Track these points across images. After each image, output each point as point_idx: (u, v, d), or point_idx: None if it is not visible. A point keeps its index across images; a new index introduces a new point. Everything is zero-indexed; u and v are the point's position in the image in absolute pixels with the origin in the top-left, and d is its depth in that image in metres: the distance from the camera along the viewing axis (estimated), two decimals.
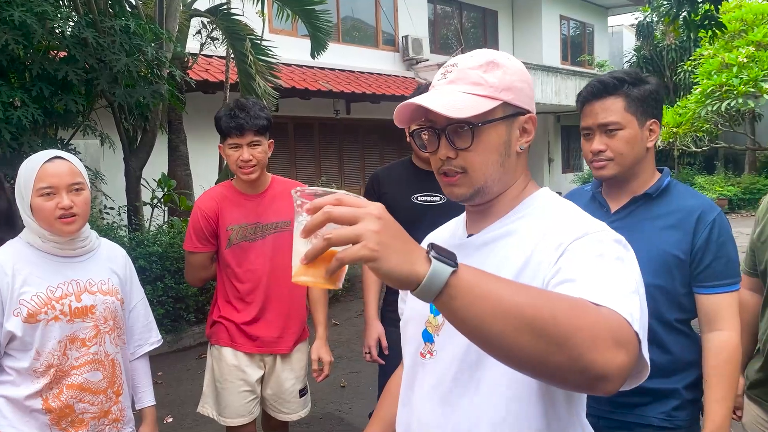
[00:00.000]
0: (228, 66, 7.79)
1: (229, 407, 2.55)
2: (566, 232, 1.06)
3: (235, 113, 2.43)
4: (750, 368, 2.09)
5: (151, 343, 2.17)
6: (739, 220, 13.77)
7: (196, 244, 2.57)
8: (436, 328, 1.19)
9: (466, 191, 1.17)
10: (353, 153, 12.53)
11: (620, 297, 0.91)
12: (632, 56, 19.20)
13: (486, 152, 1.14)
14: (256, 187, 2.58)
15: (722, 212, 1.81)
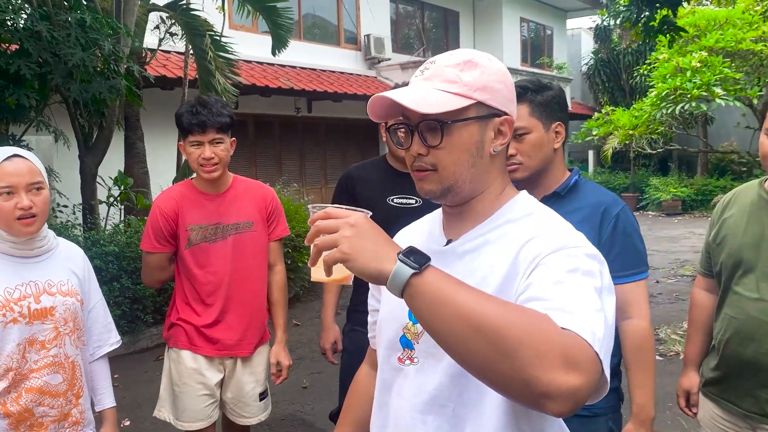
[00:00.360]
0: (186, 62, 7.66)
1: (187, 411, 2.50)
2: (544, 244, 1.06)
3: (197, 110, 2.37)
4: (705, 366, 2.15)
5: (110, 344, 2.12)
6: (692, 220, 14.17)
7: (155, 245, 2.50)
8: (415, 335, 1.19)
9: (436, 188, 1.17)
10: (314, 152, 12.47)
11: (584, 317, 0.92)
12: (590, 59, 19.57)
13: (456, 151, 1.13)
14: (218, 187, 2.53)
15: (627, 207, 1.91)
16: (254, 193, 2.59)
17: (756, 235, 1.94)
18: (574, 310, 0.92)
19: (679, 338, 5.37)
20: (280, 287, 2.66)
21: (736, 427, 2.02)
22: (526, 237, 1.10)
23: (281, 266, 2.68)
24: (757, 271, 1.92)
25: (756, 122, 15.23)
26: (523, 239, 1.10)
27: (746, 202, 2.02)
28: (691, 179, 16.27)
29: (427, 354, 1.16)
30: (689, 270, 8.41)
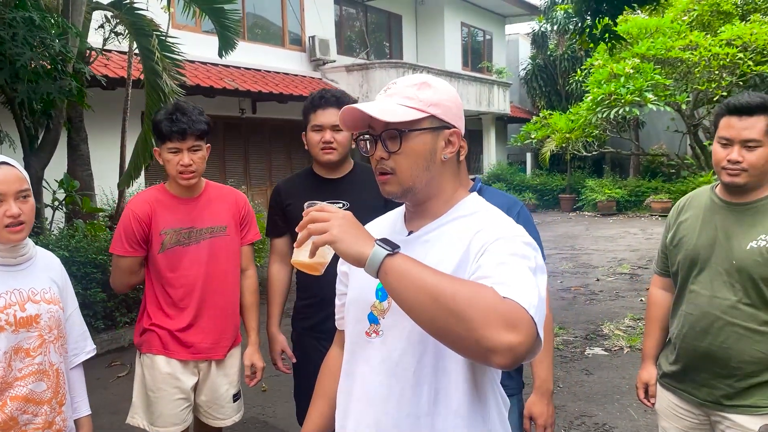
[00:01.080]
0: (130, 62, 7.49)
1: (162, 416, 2.50)
2: (489, 234, 1.26)
3: (176, 117, 2.38)
4: (663, 359, 2.30)
5: (86, 352, 2.11)
6: (626, 220, 14.74)
7: (127, 248, 2.50)
8: (381, 311, 1.37)
9: (396, 190, 1.37)
10: (259, 153, 12.36)
11: (521, 289, 1.11)
12: (528, 64, 20.09)
13: (412, 156, 1.34)
14: (191, 191, 2.55)
15: (524, 206, 2.19)
16: (227, 198, 2.62)
17: (710, 236, 2.10)
18: (513, 284, 1.12)
19: (622, 333, 5.63)
20: (252, 291, 2.69)
21: (692, 415, 2.18)
22: (474, 230, 1.30)
23: (253, 270, 2.71)
24: (711, 269, 2.08)
25: (684, 126, 15.98)
26: (472, 232, 1.30)
27: (700, 206, 2.19)
28: (625, 181, 16.92)
29: (392, 326, 1.34)
30: (627, 268, 8.78)
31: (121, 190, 7.25)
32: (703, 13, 14.92)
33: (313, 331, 2.64)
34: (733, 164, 1.99)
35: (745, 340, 2.00)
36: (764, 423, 1.98)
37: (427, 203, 1.39)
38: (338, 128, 2.56)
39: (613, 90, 13.11)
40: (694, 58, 13.33)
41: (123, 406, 4.49)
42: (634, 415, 3.95)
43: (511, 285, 1.11)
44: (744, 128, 1.96)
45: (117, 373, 4.97)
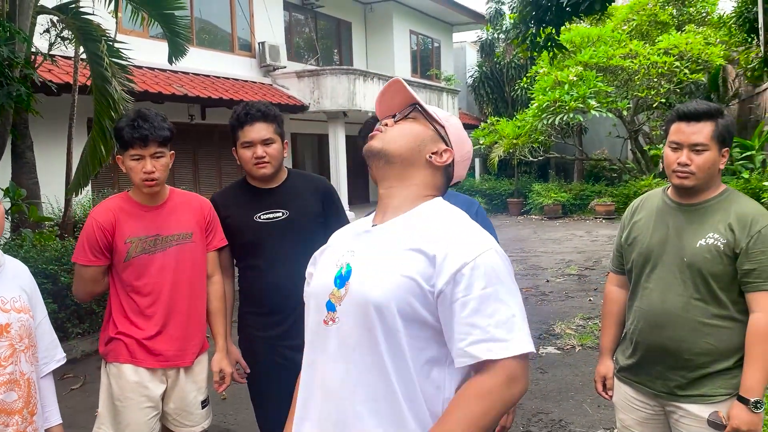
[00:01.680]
0: (77, 67, 7.32)
1: (130, 426, 2.47)
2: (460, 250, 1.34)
3: (138, 123, 2.37)
4: (620, 354, 2.41)
5: (57, 361, 2.08)
6: (572, 223, 15.15)
7: (90, 257, 2.46)
8: (338, 298, 1.41)
9: (376, 145, 1.49)
10: (209, 158, 12.22)
11: (514, 338, 1.29)
12: (475, 72, 20.44)
13: (406, 130, 1.49)
14: (156, 199, 2.54)
15: (480, 205, 2.34)
16: (192, 205, 2.61)
17: (662, 235, 2.22)
18: (506, 337, 1.29)
19: (574, 332, 5.81)
20: (218, 297, 2.69)
21: (647, 406, 2.29)
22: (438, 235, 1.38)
23: (219, 276, 2.70)
24: (664, 266, 2.21)
25: (624, 132, 16.54)
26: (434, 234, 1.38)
27: (653, 207, 2.31)
28: (570, 185, 17.39)
29: (347, 313, 1.38)
30: (574, 269, 9.04)
31: (68, 198, 7.06)
32: (642, 23, 15.52)
33: (264, 338, 2.68)
34: (682, 167, 2.12)
35: (697, 333, 2.13)
36: (714, 410, 2.10)
37: (395, 195, 1.49)
38: (268, 142, 2.59)
39: (558, 97, 13.50)
40: (633, 66, 13.85)
41: (78, 419, 4.40)
42: (589, 410, 4.09)
43: (505, 339, 1.29)
44: (692, 133, 2.09)
45: (70, 386, 4.85)
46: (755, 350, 2.05)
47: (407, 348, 1.34)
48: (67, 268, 5.53)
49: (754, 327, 2.06)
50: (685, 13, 15.76)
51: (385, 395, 1.34)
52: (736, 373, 2.09)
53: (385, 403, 1.34)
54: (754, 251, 2.05)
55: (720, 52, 13.73)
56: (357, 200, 16.24)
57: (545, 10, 6.61)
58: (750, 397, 2.03)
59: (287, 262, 2.61)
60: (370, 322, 1.34)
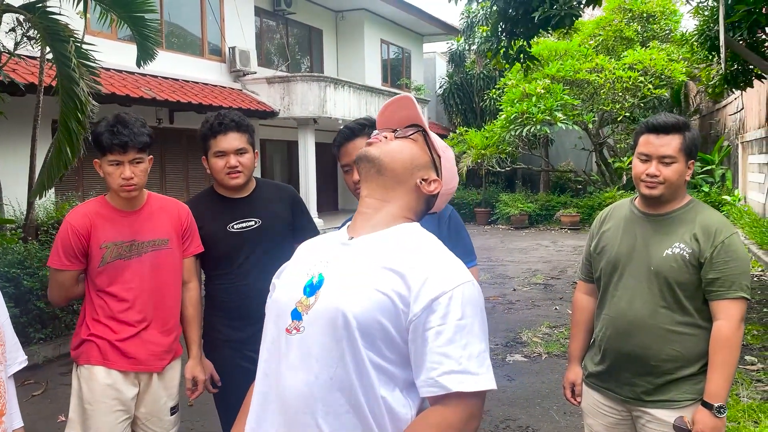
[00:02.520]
0: (42, 68, 7.19)
1: (100, 430, 2.43)
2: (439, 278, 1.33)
3: (117, 129, 2.34)
4: (588, 360, 2.45)
5: (19, 363, 2.04)
6: (538, 233, 15.34)
7: (64, 262, 2.43)
8: (306, 307, 1.37)
9: (374, 152, 1.48)
10: (176, 163, 12.09)
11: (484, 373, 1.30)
12: (444, 82, 20.62)
13: (406, 149, 1.49)
14: (133, 204, 2.51)
15: (454, 209, 2.34)
16: (170, 211, 2.59)
17: (629, 245, 2.28)
18: (477, 371, 1.29)
19: (540, 341, 5.88)
20: (194, 304, 2.67)
21: (615, 411, 2.34)
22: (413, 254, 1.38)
23: (195, 283, 2.68)
24: (631, 275, 2.26)
25: (590, 144, 16.83)
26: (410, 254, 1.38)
27: (620, 216, 2.37)
28: (536, 195, 17.61)
29: (313, 323, 1.34)
30: (540, 278, 9.16)
31: (31, 201, 6.91)
32: (608, 39, 15.89)
33: (230, 342, 2.68)
34: (651, 177, 2.18)
35: (663, 340, 2.18)
36: (679, 415, 2.16)
37: (378, 210, 1.47)
38: (242, 151, 2.61)
39: (526, 109, 13.73)
40: (599, 80, 14.16)
41: (39, 426, 4.31)
42: (556, 417, 4.14)
43: (475, 372, 1.28)
44: (661, 145, 2.15)
45: (31, 392, 4.74)
46: (718, 357, 2.11)
47: (372, 365, 1.31)
48: (30, 272, 5.41)
49: (717, 334, 2.12)
50: (649, 29, 16.18)
51: (347, 410, 1.31)
52: (701, 379, 2.15)
53: (347, 417, 1.31)
54: (718, 261, 2.12)
55: (682, 68, 14.12)
56: (326, 207, 16.21)
57: (515, 23, 6.74)
58: (714, 402, 2.08)
59: (258, 269, 2.62)
60: (338, 334, 1.30)
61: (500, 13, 6.65)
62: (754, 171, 11.63)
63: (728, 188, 13.63)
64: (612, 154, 16.86)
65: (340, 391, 1.31)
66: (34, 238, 6.49)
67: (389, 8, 17.24)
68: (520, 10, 6.51)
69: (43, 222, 7.42)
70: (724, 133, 14.67)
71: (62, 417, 4.22)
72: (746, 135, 12.08)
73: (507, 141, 14.93)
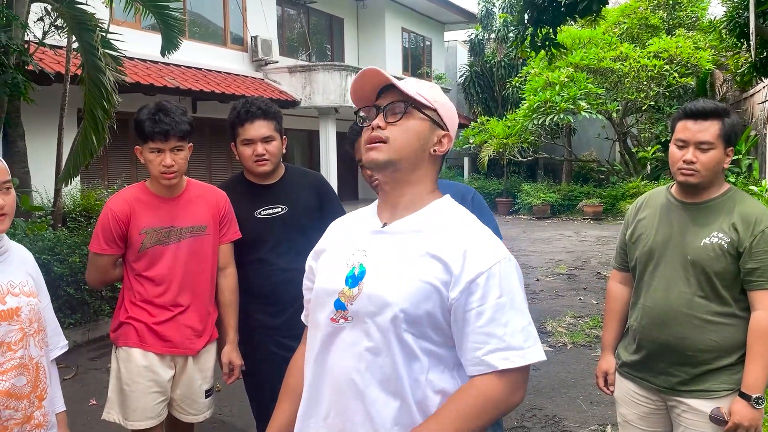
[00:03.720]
0: (69, 57, 7.25)
1: (138, 410, 2.47)
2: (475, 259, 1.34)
3: (159, 117, 2.37)
4: (622, 350, 2.43)
5: (60, 347, 2.07)
6: (560, 223, 15.24)
7: (103, 246, 2.48)
8: (350, 298, 1.39)
9: (382, 157, 1.40)
10: (199, 153, 12.15)
11: (530, 347, 1.33)
12: (465, 71, 20.48)
13: (408, 132, 1.41)
14: (172, 190, 2.54)
15: (476, 191, 2.44)
16: (208, 198, 2.62)
17: (666, 233, 2.25)
18: (522, 345, 1.31)
19: (565, 330, 5.85)
20: (232, 289, 2.69)
21: (649, 401, 2.32)
22: (450, 236, 1.37)
23: (232, 269, 2.70)
24: (668, 264, 2.23)
25: (613, 134, 16.63)
26: (447, 236, 1.37)
27: (657, 204, 2.34)
28: (558, 185, 17.47)
29: (360, 312, 1.36)
30: (563, 269, 9.10)
31: (58, 188, 7.01)
32: (633, 26, 15.65)
33: (263, 329, 2.70)
34: (687, 164, 2.14)
35: (700, 330, 2.15)
36: (717, 406, 2.14)
37: (405, 195, 1.45)
38: (268, 139, 2.61)
39: (549, 98, 13.59)
40: (624, 68, 13.97)
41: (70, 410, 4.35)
42: (583, 406, 4.12)
43: (519, 347, 1.31)
44: (699, 131, 2.12)
45: (62, 377, 4.82)
46: (757, 348, 2.09)
47: (420, 352, 1.34)
48: (60, 258, 5.49)
49: (756, 325, 2.10)
50: (675, 17, 15.90)
51: (395, 397, 1.33)
52: (738, 369, 2.12)
53: (396, 403, 1.34)
54: (758, 250, 2.08)
55: (709, 56, 13.87)
56: (346, 196, 16.24)
57: (542, 11, 6.66)
58: (752, 393, 2.06)
59: (287, 256, 2.65)
60: (384, 324, 1.33)
61: (527, 1, 6.58)
62: None
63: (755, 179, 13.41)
64: (636, 144, 16.64)
65: (389, 378, 1.33)
66: (62, 225, 6.58)
67: None
68: None
69: (70, 209, 7.51)
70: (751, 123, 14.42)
71: (93, 401, 4.29)
72: None
73: (529, 130, 14.79)
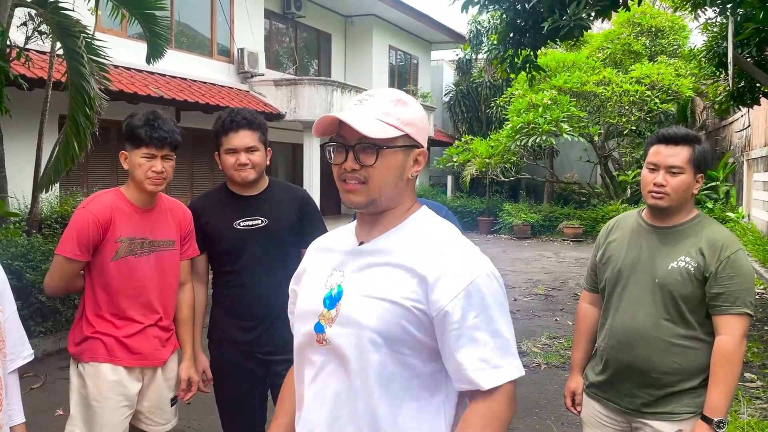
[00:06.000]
0: (52, 63, 7.22)
1: (106, 426, 2.42)
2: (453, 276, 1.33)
3: (158, 124, 2.38)
4: (590, 371, 2.45)
5: (24, 357, 2.02)
6: (540, 243, 15.33)
7: (77, 252, 2.39)
8: (329, 320, 1.38)
9: (363, 200, 1.39)
10: (181, 163, 12.09)
11: (509, 364, 1.33)
12: (451, 90, 20.65)
13: (385, 171, 1.38)
14: (150, 201, 2.53)
15: (449, 211, 2.40)
16: (176, 213, 2.62)
17: (635, 256, 2.28)
18: (501, 363, 1.32)
19: (539, 351, 5.87)
20: (189, 305, 2.67)
21: (615, 422, 2.33)
22: (427, 250, 1.36)
23: (190, 284, 2.69)
24: (636, 286, 2.26)
25: (595, 157, 16.81)
26: (424, 251, 1.36)
27: (627, 227, 2.37)
28: (539, 206, 17.59)
29: (338, 335, 1.36)
30: (542, 289, 9.14)
31: (35, 195, 6.93)
32: (616, 52, 15.92)
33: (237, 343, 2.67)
34: (658, 187, 2.18)
35: (665, 352, 2.18)
36: (679, 428, 2.16)
37: (383, 215, 1.43)
38: (252, 149, 2.60)
39: (532, 119, 13.73)
40: (606, 93, 14.17)
41: (38, 419, 4.29)
42: (554, 428, 4.13)
43: (500, 365, 1.31)
44: (670, 155, 2.16)
45: (30, 385, 4.75)
46: (720, 372, 2.11)
47: (401, 369, 1.35)
48: (33, 265, 5.42)
49: (719, 349, 2.12)
50: (657, 44, 16.20)
51: (384, 416, 1.34)
52: (701, 393, 2.15)
53: (386, 422, 1.35)
54: (723, 276, 2.12)
55: (690, 84, 14.13)
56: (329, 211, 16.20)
57: (523, 33, 6.74)
58: (714, 416, 2.08)
59: (264, 269, 2.62)
60: (362, 345, 1.33)
61: (509, 23, 6.66)
62: (759, 189, 11.62)
63: (732, 205, 13.60)
64: (617, 167, 16.85)
65: (373, 397, 1.34)
66: (37, 232, 6.51)
67: (398, 15, 17.28)
68: (529, 21, 6.52)
69: (47, 216, 7.43)
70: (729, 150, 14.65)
71: (60, 411, 4.23)
72: (752, 152, 12.07)
73: (512, 150, 14.92)
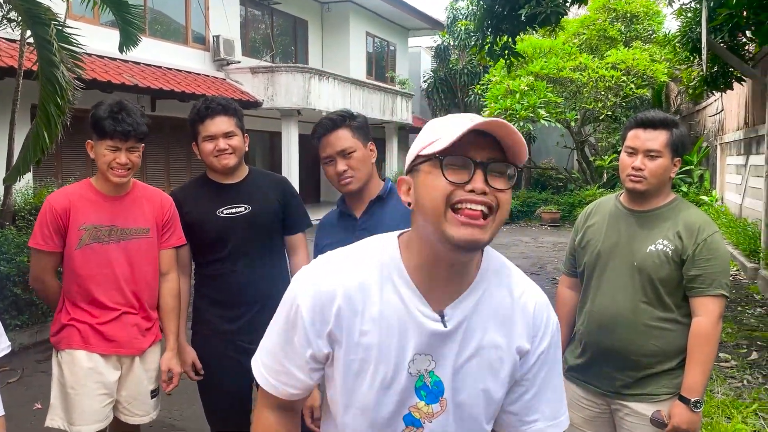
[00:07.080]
0: (22, 51, 7.08)
1: (84, 413, 2.41)
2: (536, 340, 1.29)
3: (122, 117, 2.35)
4: (569, 354, 2.48)
5: (1, 350, 2.00)
6: (518, 229, 15.43)
7: (39, 241, 2.43)
8: (428, 415, 1.24)
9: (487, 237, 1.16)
10: (157, 152, 11.96)
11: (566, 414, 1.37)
12: (429, 77, 20.64)
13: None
14: (119, 190, 2.50)
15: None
16: (153, 200, 2.58)
17: (613, 240, 2.30)
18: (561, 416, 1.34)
19: None
20: (173, 295, 2.64)
21: (594, 404, 2.36)
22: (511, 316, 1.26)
23: (174, 274, 2.65)
24: (614, 270, 2.28)
25: (572, 143, 16.93)
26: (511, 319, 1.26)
27: (605, 212, 2.39)
28: (517, 192, 17.69)
29: (444, 424, 1.25)
30: None
31: (7, 186, 6.81)
32: (592, 38, 16.00)
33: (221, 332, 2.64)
34: (636, 171, 2.20)
35: (643, 335, 2.21)
36: (657, 409, 2.19)
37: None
38: (230, 134, 2.57)
39: (509, 105, 13.78)
40: (583, 78, 14.26)
41: (15, 413, 4.24)
42: None
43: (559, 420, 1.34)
44: (648, 139, 2.18)
45: (7, 379, 4.69)
46: (697, 352, 2.15)
47: None
48: (6, 258, 5.34)
49: (696, 330, 2.16)
50: (632, 30, 16.32)
51: None
52: (679, 374, 2.18)
53: None
54: (700, 258, 2.15)
55: (664, 69, 14.26)
56: (308, 199, 16.17)
57: (501, 20, 6.76)
58: (690, 396, 2.12)
59: (248, 257, 2.60)
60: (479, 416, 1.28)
61: (486, 10, 6.67)
62: (732, 172, 11.80)
63: (706, 189, 13.82)
64: (593, 153, 17.00)
65: None
66: (11, 224, 6.40)
67: (375, 1, 17.20)
68: (506, 7, 6.54)
69: (20, 208, 7.31)
70: (703, 134, 14.85)
71: (38, 404, 4.18)
72: (725, 137, 12.25)
73: None
